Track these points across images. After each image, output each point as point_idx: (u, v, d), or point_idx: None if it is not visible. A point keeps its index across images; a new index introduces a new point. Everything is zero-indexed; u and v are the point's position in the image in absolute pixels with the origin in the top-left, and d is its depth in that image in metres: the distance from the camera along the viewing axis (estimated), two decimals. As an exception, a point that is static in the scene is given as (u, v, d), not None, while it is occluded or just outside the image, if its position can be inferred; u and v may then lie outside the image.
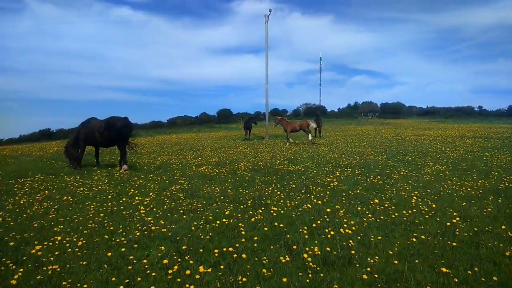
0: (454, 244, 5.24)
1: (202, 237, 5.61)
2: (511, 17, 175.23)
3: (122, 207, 7.49)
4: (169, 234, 5.81)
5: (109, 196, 8.41)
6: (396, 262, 4.65)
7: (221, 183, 9.71)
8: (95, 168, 12.95)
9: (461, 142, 20.77)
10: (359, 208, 7.02)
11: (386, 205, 7.25)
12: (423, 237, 5.48)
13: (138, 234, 5.82)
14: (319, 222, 6.20)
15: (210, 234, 5.75)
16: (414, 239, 5.43)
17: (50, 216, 6.92)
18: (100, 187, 9.53)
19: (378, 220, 6.35)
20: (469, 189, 8.67)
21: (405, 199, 7.80)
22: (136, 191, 8.92)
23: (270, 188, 8.88)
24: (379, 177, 10.17)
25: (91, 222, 6.51)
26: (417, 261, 4.68)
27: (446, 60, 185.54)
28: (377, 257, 4.82)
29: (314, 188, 8.81)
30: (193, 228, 6.02)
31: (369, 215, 6.56)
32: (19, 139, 60.41)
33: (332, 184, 9.25)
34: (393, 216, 6.52)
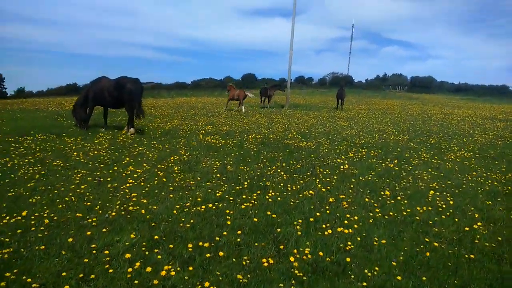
0: (472, 256, 4.39)
1: (182, 224, 4.96)
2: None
3: (110, 178, 6.91)
4: (148, 216, 5.18)
5: (101, 165, 7.85)
6: (399, 277, 3.87)
7: (224, 157, 9.00)
8: (102, 130, 12.46)
9: (491, 125, 19.25)
10: (366, 199, 6.18)
11: (399, 197, 6.39)
12: (435, 244, 4.65)
13: (114, 214, 5.22)
14: (318, 214, 5.42)
15: (192, 220, 5.09)
16: (425, 246, 4.61)
17: (30, 184, 6.40)
18: (97, 152, 8.99)
19: (386, 216, 5.52)
20: (495, 183, 7.65)
21: (422, 191, 6.89)
22: (132, 160, 8.34)
23: (274, 167, 8.11)
24: (396, 161, 9.22)
25: (71, 194, 5.95)
26: (424, 278, 3.88)
27: (486, 34, 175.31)
28: (377, 268, 4.05)
29: (321, 170, 7.98)
30: (175, 211, 5.36)
31: (377, 210, 5.73)
32: (47, 92, 61.35)
33: (342, 166, 8.39)
34: (405, 212, 5.67)
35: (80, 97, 12.87)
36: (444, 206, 6.04)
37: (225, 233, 4.69)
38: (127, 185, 6.52)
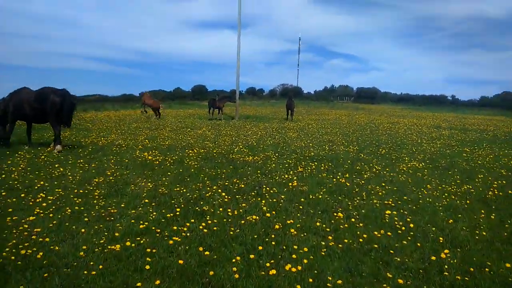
0: (443, 294, 3.65)
1: (87, 271, 3.82)
2: (485, 9, 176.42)
3: (12, 209, 5.58)
4: (45, 262, 3.99)
5: (6, 192, 6.45)
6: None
7: (159, 176, 7.87)
8: (25, 147, 10.84)
9: (437, 133, 19.54)
10: (317, 224, 5.34)
11: (353, 219, 5.61)
12: (400, 280, 3.86)
13: (3, 260, 3.97)
14: (261, 247, 4.48)
15: (102, 264, 3.96)
16: (388, 284, 3.81)
17: None
18: (6, 175, 7.53)
19: (340, 245, 4.69)
20: (452, 196, 7.15)
21: (377, 209, 6.19)
22: (47, 184, 6.98)
23: (215, 187, 7.10)
24: (347, 175, 8.56)
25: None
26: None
27: (422, 48, 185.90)
28: (332, 322, 3.17)
29: (268, 189, 7.08)
30: (82, 253, 4.20)
31: (330, 237, 4.89)
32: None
33: (291, 183, 7.55)
34: (361, 238, 4.88)
35: (-3, 111, 11.16)
36: (403, 228, 5.32)
37: (139, 283, 3.61)
38: (31, 218, 5.23)
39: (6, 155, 9.52)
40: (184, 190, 6.81)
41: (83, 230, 4.84)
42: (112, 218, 5.34)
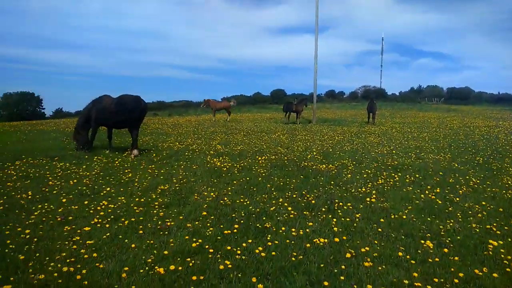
0: None
1: (125, 298, 3.38)
2: None
3: (73, 216, 5.49)
4: (85, 282, 3.65)
5: (71, 196, 6.46)
6: None
7: (224, 184, 7.41)
8: (106, 152, 11.24)
9: (548, 138, 16.62)
10: (400, 253, 4.37)
11: (446, 249, 4.52)
12: None
13: (42, 276, 3.72)
14: (326, 283, 3.68)
15: (143, 291, 3.50)
16: None
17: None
18: (80, 180, 7.66)
19: (429, 285, 3.69)
20: None
21: (477, 236, 4.98)
22: (113, 190, 6.90)
23: (281, 199, 6.41)
24: (438, 189, 7.29)
25: (11, 240, 4.54)
26: None
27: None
28: None
29: (341, 204, 6.20)
30: (124, 274, 3.79)
31: (415, 273, 3.91)
32: (77, 113, 62.20)
33: (369, 198, 6.57)
34: (457, 278, 3.81)
35: (81, 118, 11.74)
36: (515, 266, 4.12)
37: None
38: (87, 228, 5.04)
39: (85, 159, 9.86)
40: (248, 202, 6.22)
41: (133, 245, 4.48)
42: (167, 232, 4.93)
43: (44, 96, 63.26)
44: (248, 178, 7.90)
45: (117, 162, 9.58)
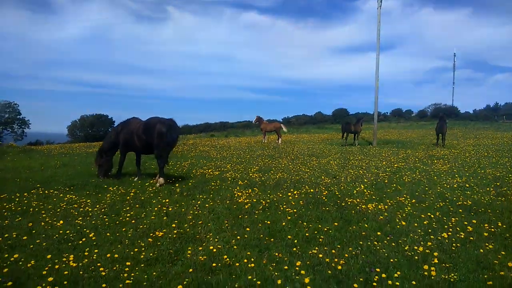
0: None
1: None
2: None
3: (24, 278, 4.20)
4: None
5: (50, 242, 5.24)
6: None
7: (235, 232, 5.76)
8: (135, 179, 10.25)
9: None
10: None
11: None
12: None
13: None
14: None
15: None
16: None
17: None
18: (73, 217, 6.50)
19: None
20: None
21: None
22: (96, 238, 5.57)
23: (299, 263, 4.58)
24: (536, 251, 4.98)
25: None
26: None
27: None
28: None
29: (388, 273, 4.23)
30: None
31: None
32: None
33: (428, 262, 4.50)
34: None
35: (106, 142, 10.86)
36: None
37: None
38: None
39: (103, 189, 8.82)
40: (252, 265, 4.50)
41: None
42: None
43: (116, 118, 66.50)
44: (269, 222, 6.17)
45: (132, 193, 8.40)
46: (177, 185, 9.36)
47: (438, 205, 7.22)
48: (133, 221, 6.28)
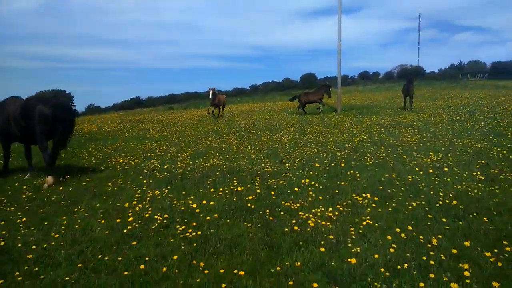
0: None
1: None
2: None
3: None
4: None
5: None
6: None
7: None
8: (26, 177, 7.61)
9: None
10: None
11: None
12: None
13: None
14: None
15: None
16: None
17: None
18: None
19: None
20: None
21: None
22: None
23: None
24: None
25: None
26: None
27: None
28: None
29: None
30: None
31: None
32: (112, 107, 60.43)
33: None
34: None
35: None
36: None
37: None
38: None
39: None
40: None
41: None
42: None
43: (76, 93, 61.87)
44: (143, 266, 3.72)
45: (24, 195, 5.79)
46: (61, 188, 6.70)
47: (410, 207, 4.93)
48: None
